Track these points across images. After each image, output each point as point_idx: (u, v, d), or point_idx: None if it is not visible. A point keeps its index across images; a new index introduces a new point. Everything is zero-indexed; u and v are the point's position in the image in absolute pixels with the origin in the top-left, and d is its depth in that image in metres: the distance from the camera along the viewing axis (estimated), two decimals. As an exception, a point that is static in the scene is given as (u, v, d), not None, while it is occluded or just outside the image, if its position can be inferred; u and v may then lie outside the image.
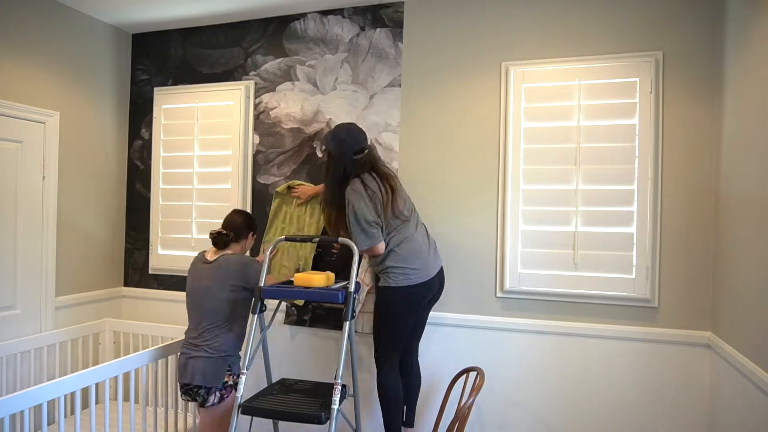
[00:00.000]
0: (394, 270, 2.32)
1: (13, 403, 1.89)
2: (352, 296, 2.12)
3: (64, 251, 3.02)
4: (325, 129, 2.97)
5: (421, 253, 2.35)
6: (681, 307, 2.40)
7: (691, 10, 2.39)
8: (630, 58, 2.46)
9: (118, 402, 2.42)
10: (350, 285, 2.13)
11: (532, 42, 2.62)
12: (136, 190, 3.43)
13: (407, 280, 2.31)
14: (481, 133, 2.70)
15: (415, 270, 2.32)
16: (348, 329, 2.11)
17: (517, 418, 2.61)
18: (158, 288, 3.34)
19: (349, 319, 2.11)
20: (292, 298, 2.30)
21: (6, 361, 2.65)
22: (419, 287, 2.33)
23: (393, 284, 2.31)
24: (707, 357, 2.35)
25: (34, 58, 2.84)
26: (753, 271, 1.88)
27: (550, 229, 2.56)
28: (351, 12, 2.94)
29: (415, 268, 2.32)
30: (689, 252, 2.39)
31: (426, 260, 2.36)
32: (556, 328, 2.55)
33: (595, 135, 2.50)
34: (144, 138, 3.41)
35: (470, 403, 1.99)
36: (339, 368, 2.03)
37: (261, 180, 3.10)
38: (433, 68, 2.79)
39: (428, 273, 2.36)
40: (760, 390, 1.78)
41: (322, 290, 2.21)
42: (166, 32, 3.36)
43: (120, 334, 3.21)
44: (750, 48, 1.96)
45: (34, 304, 2.84)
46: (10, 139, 2.71)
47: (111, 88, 3.34)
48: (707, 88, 2.37)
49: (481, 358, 2.67)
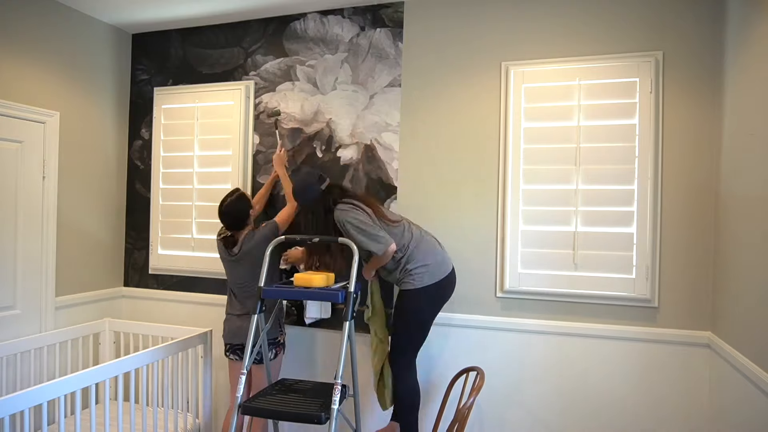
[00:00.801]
0: (416, 270, 2.36)
1: (13, 403, 1.89)
2: (352, 296, 2.13)
3: (64, 251, 3.02)
4: (325, 129, 2.98)
5: (435, 248, 2.43)
6: (681, 307, 2.40)
7: (691, 10, 2.39)
8: (630, 58, 2.46)
9: (118, 402, 2.42)
10: (350, 285, 2.14)
11: (532, 42, 2.62)
12: (136, 190, 3.43)
13: (431, 277, 2.36)
14: (481, 133, 2.70)
15: (437, 264, 2.38)
16: (348, 329, 2.12)
17: (516, 418, 2.61)
18: (158, 288, 3.34)
19: (348, 319, 2.13)
20: (292, 298, 2.29)
21: (6, 361, 2.65)
22: (443, 282, 2.39)
23: (419, 284, 2.35)
24: (707, 357, 2.35)
25: (34, 58, 2.84)
26: (753, 271, 1.88)
27: (550, 229, 2.56)
28: (351, 12, 2.94)
29: (435, 263, 2.38)
30: (689, 252, 2.39)
31: (442, 254, 2.44)
32: (556, 328, 2.55)
33: (595, 135, 2.50)
34: (144, 138, 3.41)
35: (470, 403, 1.99)
36: (339, 368, 2.04)
37: (261, 180, 3.10)
38: (433, 68, 2.79)
39: (447, 266, 2.43)
40: (760, 390, 1.78)
41: (323, 290, 2.22)
42: (166, 32, 3.36)
43: (120, 334, 3.21)
44: (750, 48, 1.96)
45: (34, 304, 2.84)
46: (10, 139, 2.71)
47: (111, 88, 3.34)
48: (707, 88, 2.37)
49: (481, 358, 2.67)
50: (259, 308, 2.27)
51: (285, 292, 2.29)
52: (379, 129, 2.88)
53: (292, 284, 2.31)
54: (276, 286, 2.33)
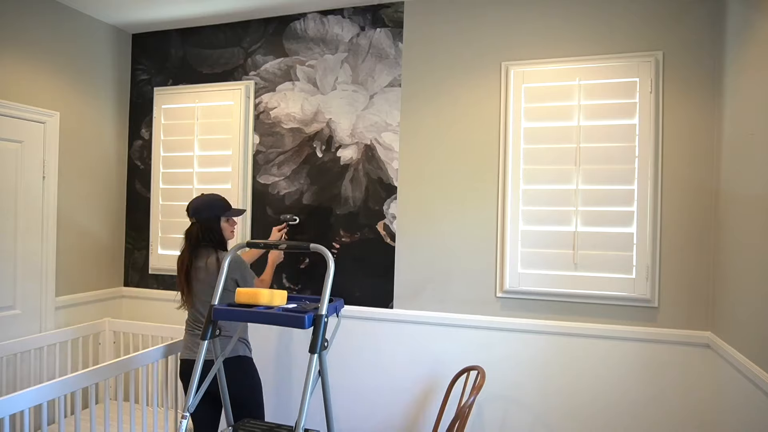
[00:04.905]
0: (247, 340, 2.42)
1: (13, 403, 1.89)
2: (323, 321, 1.69)
3: (64, 251, 3.02)
4: (325, 129, 2.98)
5: None
6: (681, 307, 2.40)
7: (691, 10, 2.39)
8: (630, 58, 2.46)
9: (118, 402, 2.42)
10: (321, 307, 1.69)
11: (532, 42, 2.63)
12: (136, 190, 3.43)
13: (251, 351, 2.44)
14: (481, 133, 2.70)
15: None
16: (317, 364, 1.69)
17: (517, 418, 2.61)
18: (158, 288, 3.34)
19: (317, 351, 1.69)
20: (248, 320, 1.85)
21: (6, 361, 2.65)
22: None
23: (250, 354, 2.41)
24: (707, 357, 2.35)
25: (34, 58, 2.84)
26: (753, 271, 1.88)
27: (550, 229, 2.56)
28: (351, 12, 2.95)
29: None
30: (689, 252, 2.39)
31: None
32: (556, 328, 2.55)
33: (595, 135, 2.50)
34: (144, 138, 3.41)
35: (471, 402, 1.99)
36: (301, 416, 1.60)
37: (261, 180, 3.10)
38: (433, 68, 2.79)
39: None
40: (760, 390, 1.78)
41: (286, 313, 1.78)
42: (166, 32, 3.36)
43: (120, 334, 3.21)
44: (750, 48, 1.96)
45: (34, 304, 2.84)
46: (10, 139, 2.71)
47: (111, 88, 3.34)
48: (707, 88, 2.37)
49: (481, 358, 2.67)
50: (211, 332, 1.84)
51: (241, 313, 1.83)
52: (379, 129, 2.88)
53: None
54: (229, 305, 1.92)
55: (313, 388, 1.66)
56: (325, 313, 1.71)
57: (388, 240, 2.84)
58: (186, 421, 1.78)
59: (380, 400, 2.83)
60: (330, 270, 1.76)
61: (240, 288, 1.90)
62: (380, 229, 2.86)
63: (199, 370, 1.84)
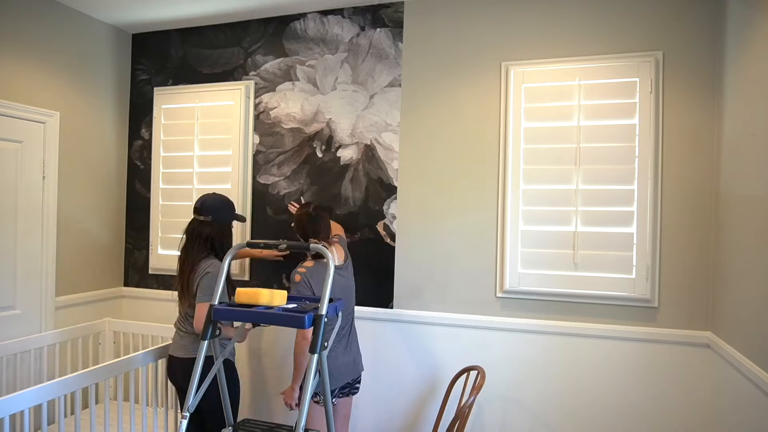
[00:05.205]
0: None
1: (13, 403, 1.89)
2: (323, 321, 1.70)
3: (64, 251, 3.02)
4: (325, 129, 2.98)
5: None
6: (681, 307, 2.40)
7: (691, 10, 2.39)
8: (630, 58, 2.46)
9: (118, 402, 2.42)
10: (321, 306, 1.72)
11: (532, 42, 2.62)
12: (136, 190, 3.43)
13: None
14: (481, 133, 2.70)
15: None
16: (317, 364, 1.69)
17: (517, 418, 2.61)
18: (158, 288, 3.34)
19: (317, 351, 1.68)
20: (249, 320, 1.84)
21: (6, 361, 2.65)
22: None
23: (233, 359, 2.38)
24: (707, 357, 2.35)
25: (35, 58, 2.84)
26: (753, 271, 1.88)
27: (550, 229, 2.56)
28: (351, 12, 2.95)
29: None
30: (689, 252, 2.39)
31: None
32: (556, 328, 2.55)
33: (595, 135, 2.50)
34: (144, 138, 3.41)
35: (471, 402, 1.99)
36: (301, 416, 1.63)
37: (261, 180, 3.10)
38: (433, 68, 2.79)
39: None
40: (760, 390, 1.78)
41: (286, 313, 1.77)
42: (166, 32, 3.36)
43: (120, 334, 3.21)
44: (750, 48, 1.96)
45: (34, 304, 2.84)
46: (10, 139, 2.71)
47: (111, 88, 3.34)
48: (707, 88, 2.37)
49: (481, 358, 2.67)
50: (211, 332, 1.84)
51: (241, 313, 1.81)
52: (379, 129, 2.88)
53: None
54: (228, 304, 1.89)
55: (313, 388, 1.67)
56: (325, 313, 1.71)
57: (388, 240, 2.84)
58: (186, 421, 1.77)
59: (380, 400, 2.83)
60: (330, 270, 1.74)
61: (240, 288, 1.89)
62: (380, 229, 2.86)
63: (199, 370, 1.83)
